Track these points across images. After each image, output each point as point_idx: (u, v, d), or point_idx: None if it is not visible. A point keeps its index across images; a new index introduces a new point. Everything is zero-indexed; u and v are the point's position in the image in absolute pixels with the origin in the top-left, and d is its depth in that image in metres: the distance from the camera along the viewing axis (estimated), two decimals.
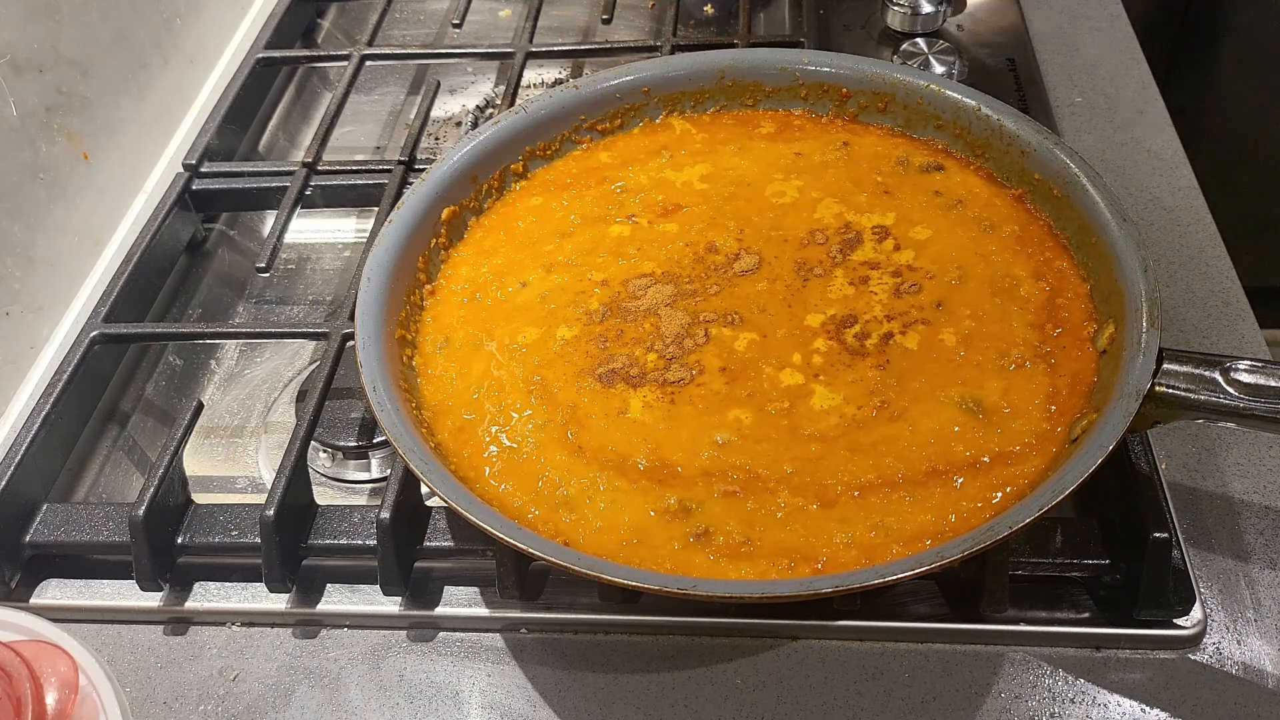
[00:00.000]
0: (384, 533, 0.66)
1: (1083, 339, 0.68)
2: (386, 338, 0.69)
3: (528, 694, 0.65)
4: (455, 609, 0.69)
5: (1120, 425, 0.58)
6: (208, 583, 0.71)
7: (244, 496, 0.81)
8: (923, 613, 0.67)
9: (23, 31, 0.84)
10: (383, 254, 0.73)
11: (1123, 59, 1.04)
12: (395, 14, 1.20)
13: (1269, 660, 0.64)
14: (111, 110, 0.94)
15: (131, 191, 0.96)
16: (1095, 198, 0.71)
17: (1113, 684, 0.64)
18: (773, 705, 0.64)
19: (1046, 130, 0.76)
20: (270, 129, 1.10)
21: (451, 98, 1.15)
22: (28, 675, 0.58)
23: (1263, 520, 0.70)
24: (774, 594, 0.56)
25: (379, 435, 0.78)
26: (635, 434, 0.66)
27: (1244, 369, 0.60)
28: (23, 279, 0.83)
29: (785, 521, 0.61)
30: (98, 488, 0.81)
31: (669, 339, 0.71)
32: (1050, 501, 0.56)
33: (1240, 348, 0.79)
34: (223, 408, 0.87)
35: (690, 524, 0.62)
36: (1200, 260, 0.85)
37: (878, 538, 0.60)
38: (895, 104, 0.83)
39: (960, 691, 0.64)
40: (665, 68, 0.86)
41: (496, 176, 0.82)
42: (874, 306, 0.72)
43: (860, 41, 1.07)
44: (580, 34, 1.19)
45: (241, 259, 1.00)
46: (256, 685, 0.67)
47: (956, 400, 0.66)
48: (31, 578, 0.72)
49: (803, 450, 0.64)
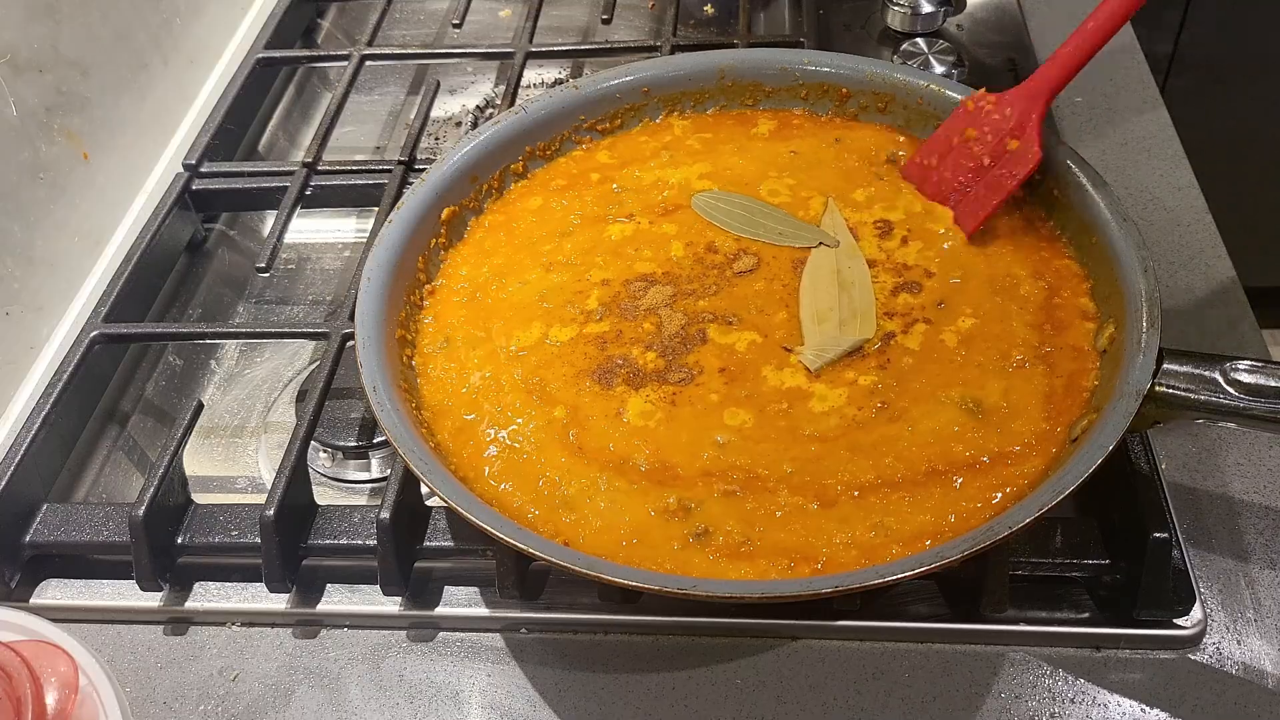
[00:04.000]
0: (384, 533, 0.66)
1: (1083, 339, 0.68)
2: (386, 338, 0.69)
3: (528, 694, 0.65)
4: (455, 609, 0.69)
5: (1120, 425, 0.58)
6: (208, 583, 0.71)
7: (244, 496, 0.81)
8: (923, 613, 0.66)
9: (23, 31, 0.84)
10: (383, 254, 0.73)
11: (1123, 59, 1.04)
12: (395, 14, 1.20)
13: (1269, 660, 0.64)
14: (111, 110, 0.94)
15: (131, 191, 0.96)
16: (1095, 198, 0.71)
17: (1113, 684, 0.64)
18: (773, 705, 0.64)
19: (1046, 130, 0.76)
20: (270, 129, 1.10)
21: (451, 98, 1.15)
22: (28, 675, 0.58)
23: (1263, 520, 0.70)
24: (774, 594, 0.56)
25: (379, 435, 0.78)
26: (635, 434, 0.66)
27: (1244, 369, 0.60)
28: (23, 279, 0.83)
29: (785, 521, 0.61)
30: (98, 488, 0.81)
31: (668, 339, 0.71)
32: (1050, 501, 0.56)
33: (1240, 348, 0.79)
34: (223, 408, 0.87)
35: (690, 524, 0.62)
36: (1200, 260, 0.85)
37: (877, 538, 0.60)
38: (895, 104, 0.83)
39: (960, 691, 0.64)
40: (665, 68, 0.86)
41: (496, 176, 0.82)
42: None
43: (860, 41, 1.07)
44: (580, 34, 1.19)
45: (241, 259, 1.00)
46: (256, 685, 0.67)
47: (957, 400, 0.66)
48: (31, 578, 0.72)
49: (802, 450, 0.64)
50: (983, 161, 0.73)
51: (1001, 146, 0.73)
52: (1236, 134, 1.71)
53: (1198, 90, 1.68)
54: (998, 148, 0.73)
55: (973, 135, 0.74)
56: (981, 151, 0.73)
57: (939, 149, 0.77)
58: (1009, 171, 0.73)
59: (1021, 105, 0.73)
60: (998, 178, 0.73)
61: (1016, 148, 0.72)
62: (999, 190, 0.73)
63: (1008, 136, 0.73)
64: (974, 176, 0.74)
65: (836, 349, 0.68)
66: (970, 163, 0.74)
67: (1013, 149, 0.72)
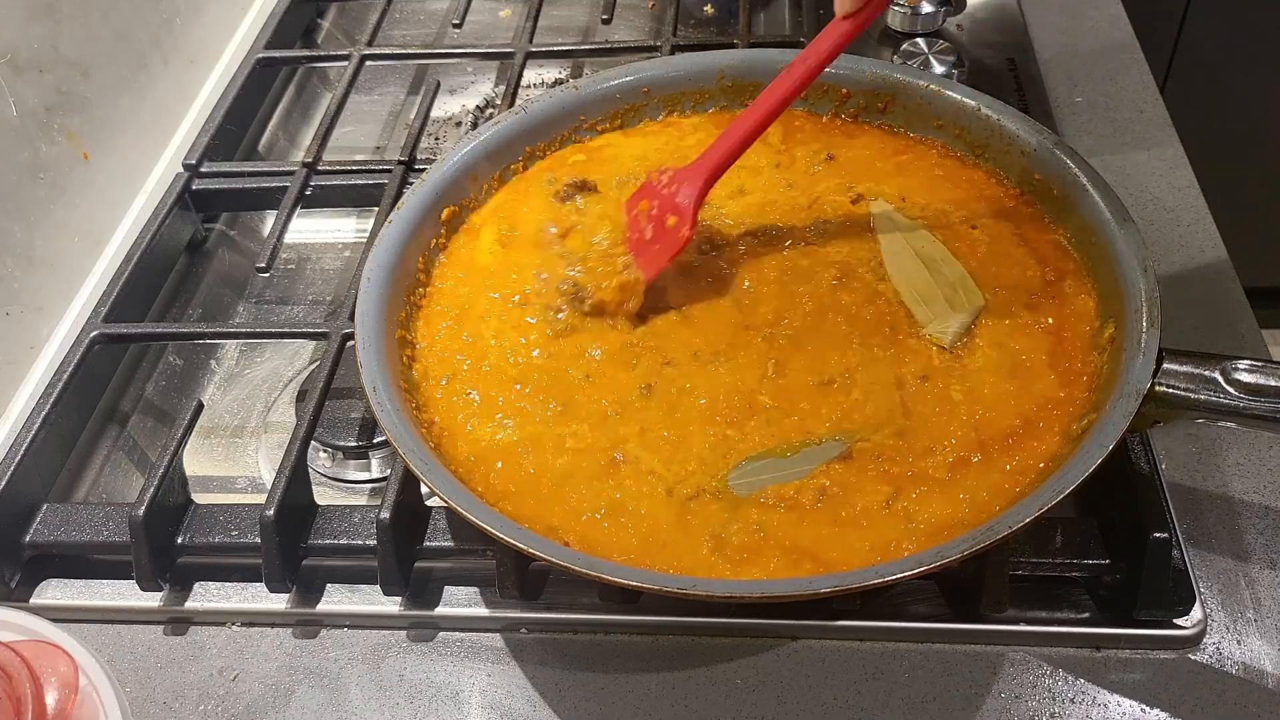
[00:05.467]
0: (384, 533, 0.66)
1: (1083, 338, 0.68)
2: (386, 338, 0.69)
3: (528, 694, 0.65)
4: (455, 609, 0.69)
5: (1120, 425, 0.58)
6: (208, 583, 0.71)
7: (244, 496, 0.81)
8: (923, 613, 0.66)
9: (23, 31, 0.84)
10: (383, 254, 0.73)
11: (1123, 59, 1.04)
12: (395, 14, 1.20)
13: (1269, 660, 0.64)
14: (111, 110, 0.94)
15: (131, 191, 0.96)
16: (1095, 198, 0.71)
17: (1113, 684, 0.64)
18: (773, 705, 0.64)
19: (1046, 130, 0.76)
20: (270, 129, 1.10)
21: (451, 98, 1.15)
22: (28, 675, 0.58)
23: (1263, 520, 0.70)
24: (773, 594, 0.57)
25: (379, 435, 0.78)
26: (634, 433, 0.66)
27: (1244, 369, 0.60)
28: (23, 279, 0.83)
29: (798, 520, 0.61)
30: (98, 488, 0.81)
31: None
32: (1050, 501, 0.56)
33: (1240, 348, 0.79)
34: (223, 408, 0.87)
35: (695, 521, 0.62)
36: (1200, 260, 0.85)
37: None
38: (895, 104, 0.83)
39: (960, 691, 0.64)
40: (665, 68, 0.86)
41: (496, 176, 0.82)
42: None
43: (860, 41, 1.07)
44: (580, 34, 1.19)
45: (241, 259, 1.00)
46: (256, 685, 0.67)
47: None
48: (31, 578, 0.72)
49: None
50: (645, 234, 0.74)
51: (663, 222, 0.73)
52: (1236, 134, 1.71)
53: (1198, 90, 1.68)
54: (659, 222, 0.74)
55: (644, 208, 0.75)
56: (647, 224, 0.74)
57: (629, 209, 0.77)
58: (662, 248, 0.73)
59: (685, 185, 0.73)
60: (655, 252, 0.73)
61: (673, 224, 0.73)
62: (654, 264, 0.72)
63: (669, 213, 0.73)
64: (645, 246, 0.74)
65: (960, 322, 0.69)
66: (637, 234, 0.74)
67: (670, 225, 0.73)
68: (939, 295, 0.71)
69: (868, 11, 0.68)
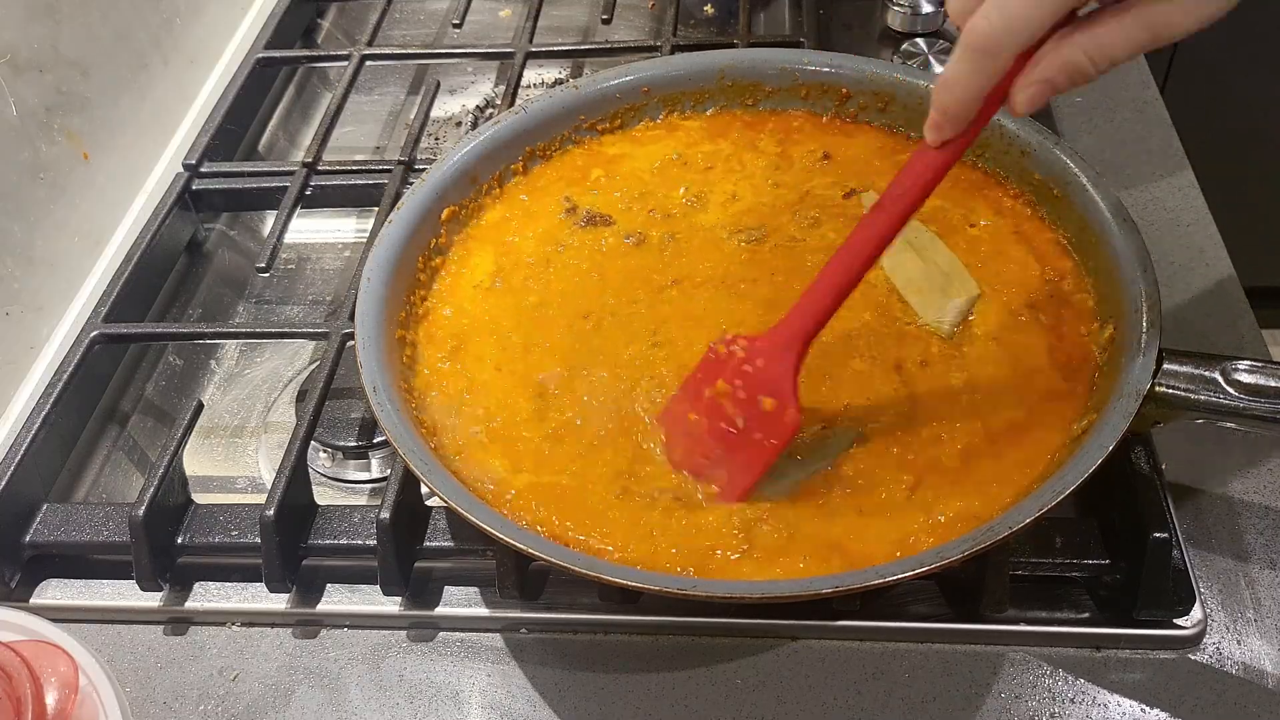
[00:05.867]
0: (384, 533, 0.66)
1: (1083, 338, 0.68)
2: (386, 338, 0.69)
3: (528, 694, 0.65)
4: (455, 609, 0.69)
5: (1120, 425, 0.58)
6: (208, 583, 0.71)
7: (244, 496, 0.81)
8: (923, 613, 0.66)
9: (23, 31, 0.84)
10: (383, 254, 0.73)
11: None
12: (395, 14, 1.20)
13: (1269, 660, 0.64)
14: (111, 110, 0.94)
15: (131, 191, 0.96)
16: (1095, 198, 0.71)
17: (1113, 684, 0.64)
18: (773, 705, 0.64)
19: (1046, 130, 0.76)
20: (270, 129, 1.10)
21: (451, 98, 1.15)
22: (28, 675, 0.58)
23: (1263, 520, 0.70)
24: (773, 594, 0.56)
25: (379, 435, 0.78)
26: (636, 432, 0.66)
27: (1244, 369, 0.60)
28: (23, 279, 0.83)
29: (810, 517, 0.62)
30: (98, 488, 0.81)
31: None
32: (1050, 502, 0.56)
33: (1240, 348, 0.79)
34: (223, 408, 0.87)
35: (688, 518, 0.62)
36: (1200, 260, 0.85)
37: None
38: (895, 104, 0.83)
39: (960, 691, 0.64)
40: (665, 68, 0.86)
41: (496, 176, 0.82)
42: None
43: (860, 41, 1.07)
44: (580, 34, 1.19)
45: (241, 259, 1.00)
46: (256, 685, 0.67)
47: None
48: (31, 578, 0.72)
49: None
50: (736, 423, 0.63)
51: (755, 404, 0.63)
52: (1236, 134, 1.71)
53: (1198, 90, 1.68)
54: (751, 405, 0.63)
55: (724, 389, 0.64)
56: (735, 411, 0.63)
57: (691, 398, 0.65)
58: (765, 436, 0.62)
59: (773, 358, 0.63)
60: (757, 443, 0.62)
61: (772, 407, 0.62)
62: (761, 457, 0.62)
63: (761, 394, 0.63)
64: (731, 440, 0.63)
65: (956, 309, 0.68)
66: (723, 423, 0.64)
67: (768, 408, 0.62)
68: (934, 284, 0.71)
69: (965, 138, 0.56)
